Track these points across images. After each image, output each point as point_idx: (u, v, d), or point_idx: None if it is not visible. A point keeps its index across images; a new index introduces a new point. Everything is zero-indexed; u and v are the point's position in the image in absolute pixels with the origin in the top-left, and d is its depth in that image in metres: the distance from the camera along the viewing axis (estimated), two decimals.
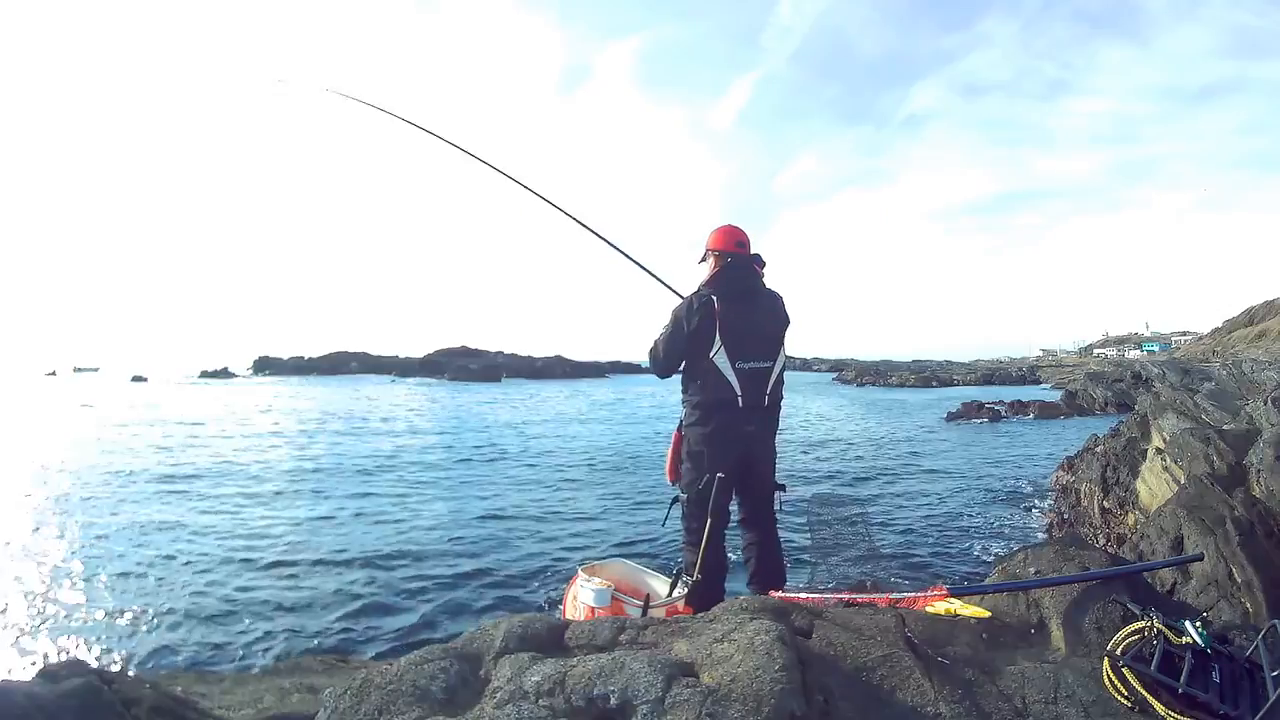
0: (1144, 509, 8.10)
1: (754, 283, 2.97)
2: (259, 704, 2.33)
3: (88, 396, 36.78)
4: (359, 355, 72.84)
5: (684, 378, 2.95)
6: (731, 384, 2.79)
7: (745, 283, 2.93)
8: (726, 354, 2.78)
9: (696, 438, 2.87)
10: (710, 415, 2.84)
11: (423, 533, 8.67)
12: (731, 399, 2.81)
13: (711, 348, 2.78)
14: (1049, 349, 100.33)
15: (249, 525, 9.02)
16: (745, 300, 2.89)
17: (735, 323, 2.81)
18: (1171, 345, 68.23)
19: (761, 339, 2.91)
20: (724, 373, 2.79)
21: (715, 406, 2.82)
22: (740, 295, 2.88)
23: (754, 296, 2.94)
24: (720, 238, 3.02)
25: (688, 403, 2.93)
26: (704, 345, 2.80)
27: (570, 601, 3.33)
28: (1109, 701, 1.68)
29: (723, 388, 2.80)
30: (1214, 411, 9.89)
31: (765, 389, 2.90)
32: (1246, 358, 13.42)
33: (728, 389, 2.80)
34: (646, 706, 1.44)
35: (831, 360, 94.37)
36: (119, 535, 8.44)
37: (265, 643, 5.44)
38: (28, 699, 1.66)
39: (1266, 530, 4.35)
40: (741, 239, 3.02)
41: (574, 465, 14.73)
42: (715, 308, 2.79)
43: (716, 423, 2.84)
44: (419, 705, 1.53)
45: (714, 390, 2.81)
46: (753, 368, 2.85)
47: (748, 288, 2.93)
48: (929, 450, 17.44)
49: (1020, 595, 2.19)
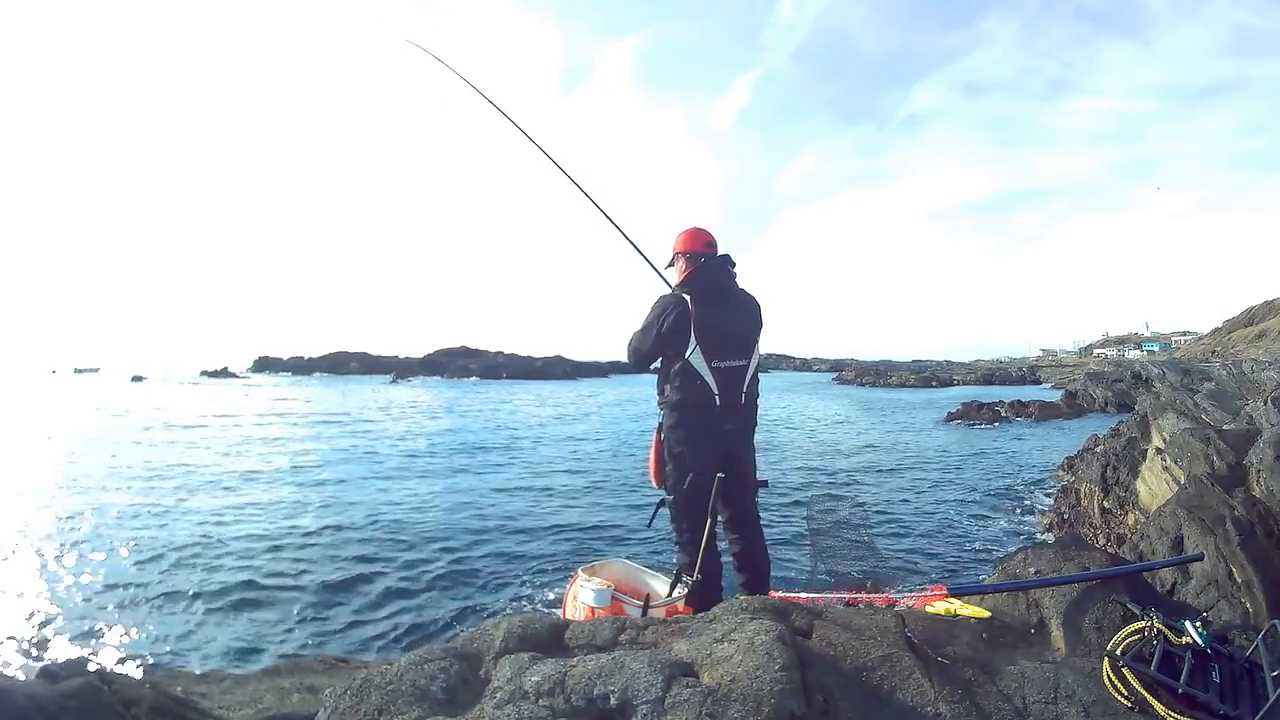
0: (1144, 509, 8.10)
1: (727, 283, 2.97)
2: (259, 704, 2.33)
3: (87, 396, 36.78)
4: (359, 355, 72.86)
5: (660, 379, 2.94)
6: (709, 383, 2.79)
7: (719, 283, 2.93)
8: (703, 353, 2.78)
9: (677, 438, 2.87)
10: (689, 416, 2.84)
11: (423, 533, 8.66)
12: (709, 399, 2.80)
13: (687, 348, 2.78)
14: (1049, 349, 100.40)
15: (248, 526, 9.01)
16: (719, 300, 2.88)
17: (710, 322, 2.80)
18: (1171, 345, 68.25)
19: (736, 338, 2.90)
20: (701, 372, 2.79)
21: (694, 407, 2.83)
22: (714, 295, 2.87)
23: (727, 297, 2.94)
24: (688, 240, 3.01)
25: (665, 404, 2.92)
26: (680, 345, 2.80)
27: (570, 601, 3.33)
28: (1109, 701, 1.68)
29: (700, 388, 2.80)
30: (1214, 411, 9.89)
31: (742, 387, 2.90)
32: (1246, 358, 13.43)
33: (705, 389, 2.80)
34: (646, 706, 1.44)
35: (831, 360, 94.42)
36: (118, 535, 8.43)
37: (265, 643, 5.43)
38: (28, 699, 1.66)
39: (1266, 530, 4.35)
40: (709, 239, 3.02)
41: (574, 465, 14.73)
42: (690, 308, 2.78)
43: (696, 423, 2.84)
44: (419, 705, 1.53)
45: (692, 391, 2.80)
46: (729, 366, 2.84)
47: (721, 288, 2.93)
48: (929, 450, 17.44)
49: (1020, 595, 2.19)
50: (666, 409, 2.92)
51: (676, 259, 3.04)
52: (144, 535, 8.46)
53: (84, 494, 10.88)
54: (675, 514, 2.95)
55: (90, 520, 9.17)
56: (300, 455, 15.67)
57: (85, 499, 10.48)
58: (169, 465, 13.87)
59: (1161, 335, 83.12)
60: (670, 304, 2.84)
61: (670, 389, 2.87)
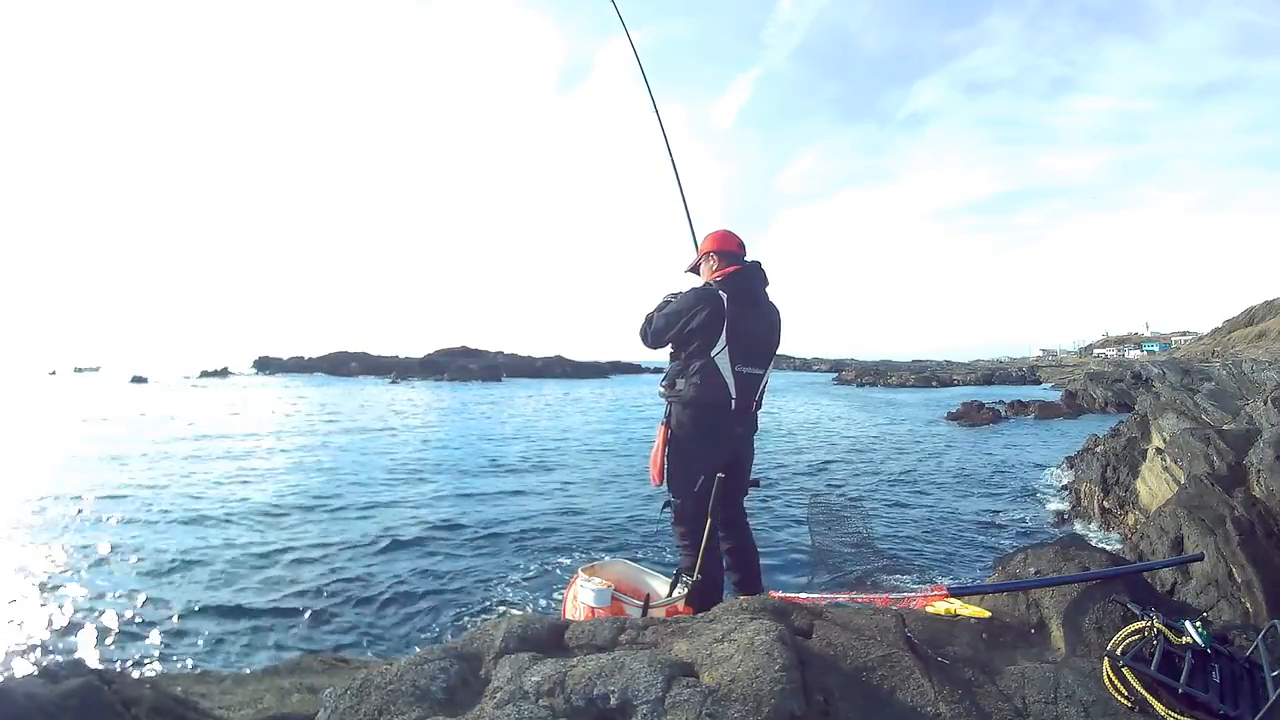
0: (1144, 509, 8.10)
1: (761, 290, 2.95)
2: (259, 704, 2.33)
3: (87, 396, 36.77)
4: (359, 355, 72.79)
5: (674, 372, 2.87)
6: (728, 386, 2.75)
7: (755, 288, 2.91)
8: (729, 355, 2.74)
9: (688, 436, 2.81)
10: (704, 415, 2.80)
11: (422, 533, 8.66)
12: (725, 401, 2.77)
13: (715, 346, 2.73)
14: (1049, 349, 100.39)
15: (248, 525, 9.01)
16: (752, 305, 2.85)
17: (741, 325, 2.76)
18: (1171, 345, 68.25)
19: (761, 346, 2.89)
20: (723, 373, 2.75)
21: (710, 407, 2.78)
22: (749, 299, 2.84)
23: (758, 303, 2.92)
24: (720, 240, 2.98)
25: (678, 399, 2.83)
26: (707, 342, 2.75)
27: (570, 602, 3.33)
28: (1109, 701, 1.68)
29: (719, 389, 2.75)
30: (1214, 411, 9.89)
31: (755, 395, 2.89)
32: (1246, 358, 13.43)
33: (724, 390, 2.75)
34: (646, 706, 1.44)
35: (831, 360, 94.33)
36: (118, 535, 8.43)
37: (265, 643, 5.43)
38: (28, 699, 1.66)
39: (1266, 530, 4.35)
40: (740, 241, 3.01)
41: (574, 465, 14.72)
42: (724, 306, 2.73)
43: (710, 424, 2.80)
44: (419, 705, 1.53)
45: (710, 390, 2.75)
46: (749, 373, 2.81)
47: (756, 293, 2.91)
48: (929, 450, 17.43)
49: (1020, 595, 2.19)
50: (678, 404, 2.84)
51: (708, 258, 2.98)
52: (143, 535, 8.46)
53: (84, 494, 10.86)
54: (679, 514, 2.91)
55: (89, 521, 9.17)
56: (300, 455, 15.66)
57: (85, 499, 10.47)
58: (168, 465, 13.87)
59: (1161, 335, 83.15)
60: (706, 298, 2.76)
61: (686, 384, 2.79)
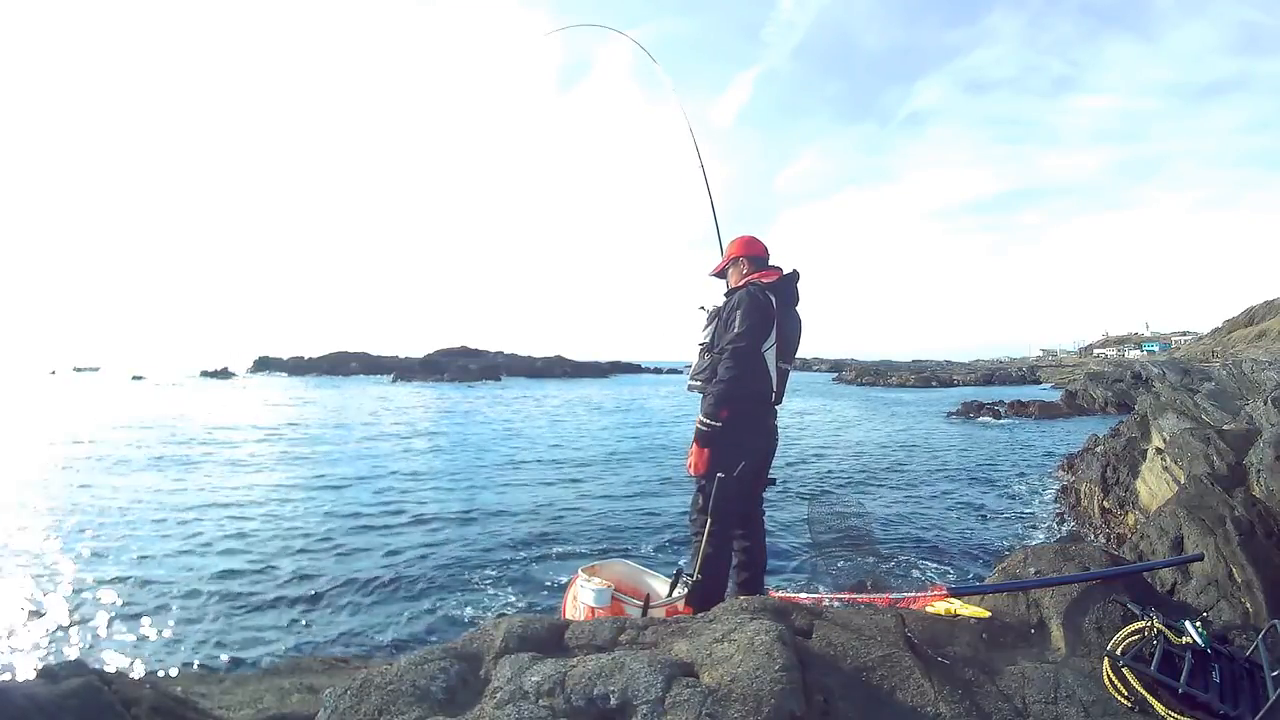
0: (1144, 509, 8.10)
1: (798, 295, 3.08)
2: (259, 704, 2.33)
3: (87, 396, 36.77)
4: (359, 355, 72.75)
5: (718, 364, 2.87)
6: (771, 379, 2.89)
7: (793, 292, 3.05)
8: (776, 350, 2.88)
9: (733, 427, 2.83)
10: (748, 407, 2.87)
11: (421, 532, 8.67)
12: (767, 393, 2.90)
13: (766, 341, 2.85)
14: (1049, 349, 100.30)
15: (248, 526, 9.02)
16: (791, 307, 3.01)
17: (785, 324, 2.91)
18: (1171, 345, 68.21)
19: (794, 344, 3.05)
20: (769, 367, 2.87)
21: (753, 398, 2.87)
22: (789, 301, 2.99)
23: (792, 306, 3.05)
24: (747, 245, 3.13)
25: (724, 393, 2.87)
26: (761, 338, 2.87)
27: (570, 601, 3.33)
28: (1109, 701, 1.68)
29: (764, 380, 2.87)
30: (1214, 411, 9.89)
31: (783, 390, 3.02)
32: (1246, 358, 13.42)
33: (767, 383, 2.88)
34: (646, 707, 1.44)
35: (831, 360, 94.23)
36: (117, 536, 8.43)
37: (265, 643, 5.44)
38: (28, 699, 1.66)
39: (1266, 530, 4.35)
40: (765, 246, 3.14)
41: (574, 465, 14.72)
42: (774, 308, 2.86)
43: (752, 415, 2.89)
44: (419, 705, 1.53)
45: (756, 381, 2.85)
46: (784, 369, 2.97)
47: (796, 297, 3.05)
48: (929, 450, 17.44)
49: (1020, 595, 2.19)
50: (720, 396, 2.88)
51: (737, 262, 3.11)
52: (143, 536, 8.47)
53: (83, 495, 10.88)
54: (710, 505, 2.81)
55: (89, 521, 9.17)
56: (300, 455, 15.67)
57: (84, 500, 10.48)
58: (168, 466, 13.87)
59: (1161, 335, 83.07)
60: (759, 297, 2.87)
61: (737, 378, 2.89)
